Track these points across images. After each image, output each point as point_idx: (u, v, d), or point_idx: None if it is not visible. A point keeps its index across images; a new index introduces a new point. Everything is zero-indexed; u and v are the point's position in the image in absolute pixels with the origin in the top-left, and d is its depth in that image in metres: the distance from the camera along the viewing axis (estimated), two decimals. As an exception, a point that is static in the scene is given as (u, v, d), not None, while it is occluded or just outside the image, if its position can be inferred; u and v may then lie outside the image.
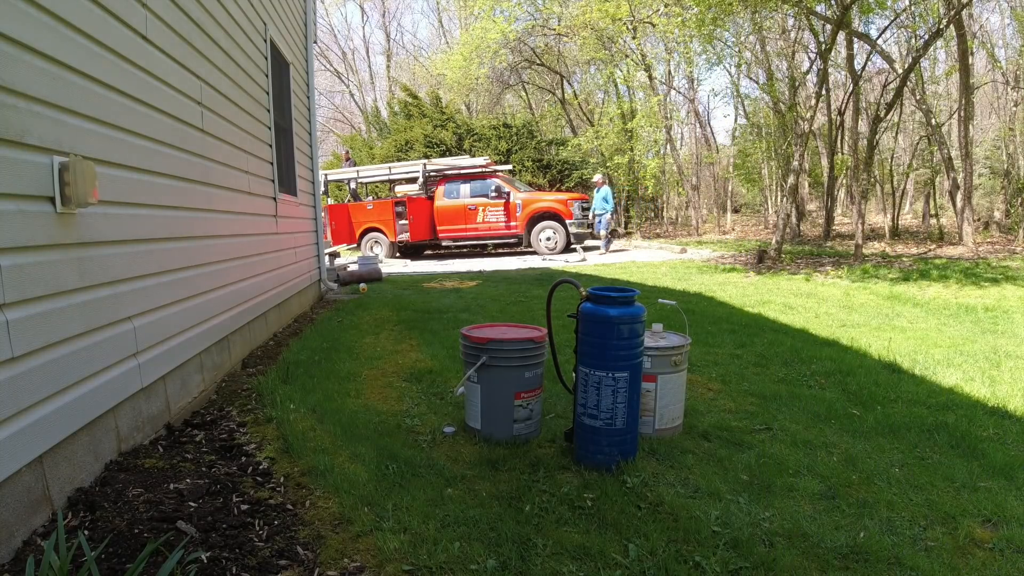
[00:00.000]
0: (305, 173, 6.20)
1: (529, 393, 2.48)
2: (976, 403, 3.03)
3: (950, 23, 10.84)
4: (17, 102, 1.68)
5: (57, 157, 1.85)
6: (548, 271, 9.75)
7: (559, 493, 2.04)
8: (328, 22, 31.97)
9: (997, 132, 17.94)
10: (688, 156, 21.69)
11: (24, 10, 1.73)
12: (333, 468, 2.20)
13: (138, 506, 1.80)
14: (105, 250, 2.15)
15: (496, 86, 21.56)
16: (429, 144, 19.11)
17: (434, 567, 1.62)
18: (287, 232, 5.11)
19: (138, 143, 2.43)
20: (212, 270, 3.23)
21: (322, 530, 1.81)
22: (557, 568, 1.63)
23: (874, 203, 20.72)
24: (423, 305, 6.06)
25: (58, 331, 1.84)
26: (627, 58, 18.53)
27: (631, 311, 2.17)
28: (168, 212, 2.71)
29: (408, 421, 2.74)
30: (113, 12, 2.23)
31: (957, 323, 5.61)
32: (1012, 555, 1.71)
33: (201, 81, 3.16)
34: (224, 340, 3.40)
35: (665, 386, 2.53)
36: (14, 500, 1.61)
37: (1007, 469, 2.25)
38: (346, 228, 14.49)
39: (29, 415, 1.68)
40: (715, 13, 10.67)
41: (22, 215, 1.70)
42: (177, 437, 2.50)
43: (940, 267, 9.45)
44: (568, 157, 18.96)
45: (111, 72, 2.22)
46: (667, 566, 1.63)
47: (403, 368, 3.64)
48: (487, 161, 14.68)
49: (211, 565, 1.55)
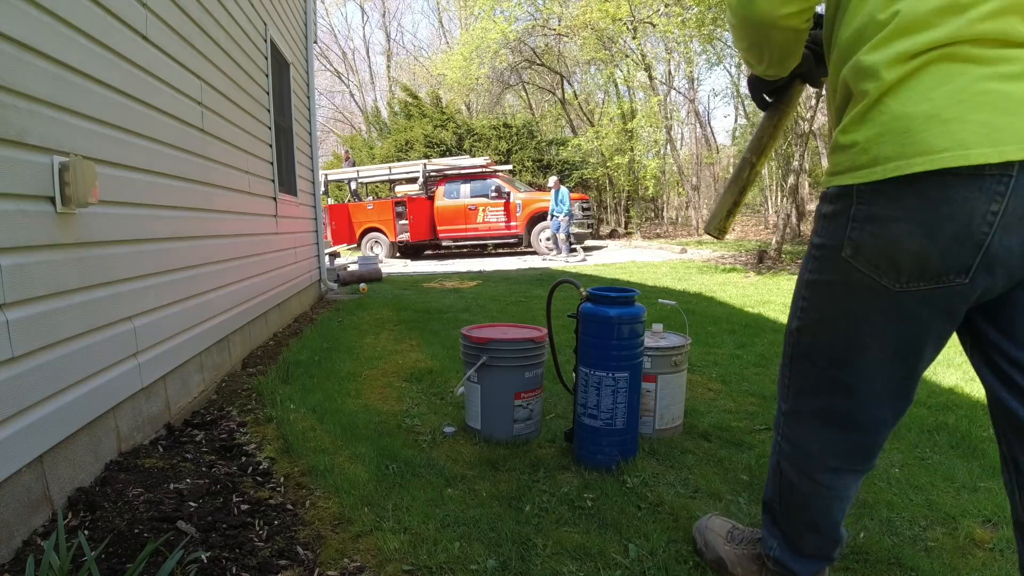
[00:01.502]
0: (305, 173, 6.20)
1: (529, 393, 2.48)
2: (976, 403, 3.03)
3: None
4: (17, 102, 1.68)
5: (57, 157, 1.85)
6: (548, 271, 9.76)
7: (559, 493, 2.04)
8: (328, 22, 32.02)
9: (997, 132, 17.88)
10: (688, 156, 21.69)
11: (25, 10, 1.73)
12: (333, 468, 2.20)
13: (138, 506, 1.80)
14: (105, 250, 2.15)
15: (496, 86, 21.56)
16: (429, 144, 19.12)
17: (434, 567, 1.62)
18: (287, 232, 5.11)
19: (138, 143, 2.43)
20: (212, 270, 3.23)
21: (322, 530, 1.81)
22: (557, 568, 1.63)
23: (874, 203, 20.67)
24: (423, 305, 6.06)
25: (58, 331, 1.84)
26: (627, 58, 18.52)
27: (631, 311, 2.17)
28: (168, 212, 2.71)
29: (408, 421, 2.74)
30: (113, 12, 2.23)
31: (957, 323, 5.60)
32: (1012, 555, 1.71)
33: (201, 81, 3.16)
34: (224, 340, 3.40)
35: (665, 386, 2.53)
36: (14, 500, 1.61)
37: (1007, 469, 2.25)
38: (346, 228, 14.49)
39: (29, 415, 1.68)
40: (715, 13, 10.67)
41: (22, 215, 1.70)
42: (177, 437, 2.50)
43: (940, 267, 9.44)
44: (568, 157, 18.97)
45: (111, 72, 2.22)
46: (667, 566, 1.63)
47: (403, 368, 3.64)
48: (487, 161, 14.68)
49: (211, 565, 1.55)
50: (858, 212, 1.02)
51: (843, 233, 1.05)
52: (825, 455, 1.27)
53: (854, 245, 1.04)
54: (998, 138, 0.88)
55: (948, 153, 0.89)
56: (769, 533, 1.45)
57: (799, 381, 1.28)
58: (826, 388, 1.22)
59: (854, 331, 1.12)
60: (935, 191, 0.92)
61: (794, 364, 1.28)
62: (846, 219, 1.04)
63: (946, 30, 0.89)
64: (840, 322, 1.14)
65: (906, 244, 0.97)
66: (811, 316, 1.20)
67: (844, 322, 1.13)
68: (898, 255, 0.99)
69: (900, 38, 0.93)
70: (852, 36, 1.00)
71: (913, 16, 0.91)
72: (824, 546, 1.40)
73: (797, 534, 1.38)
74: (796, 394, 1.30)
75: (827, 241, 1.10)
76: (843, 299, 1.12)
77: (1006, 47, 0.89)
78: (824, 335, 1.19)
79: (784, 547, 1.41)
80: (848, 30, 1.00)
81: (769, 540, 1.45)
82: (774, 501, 1.42)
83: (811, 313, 1.20)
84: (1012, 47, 0.89)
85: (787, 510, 1.38)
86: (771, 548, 1.44)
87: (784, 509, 1.39)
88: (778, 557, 1.42)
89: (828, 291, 1.14)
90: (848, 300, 1.11)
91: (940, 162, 0.90)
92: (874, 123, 0.96)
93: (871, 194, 0.99)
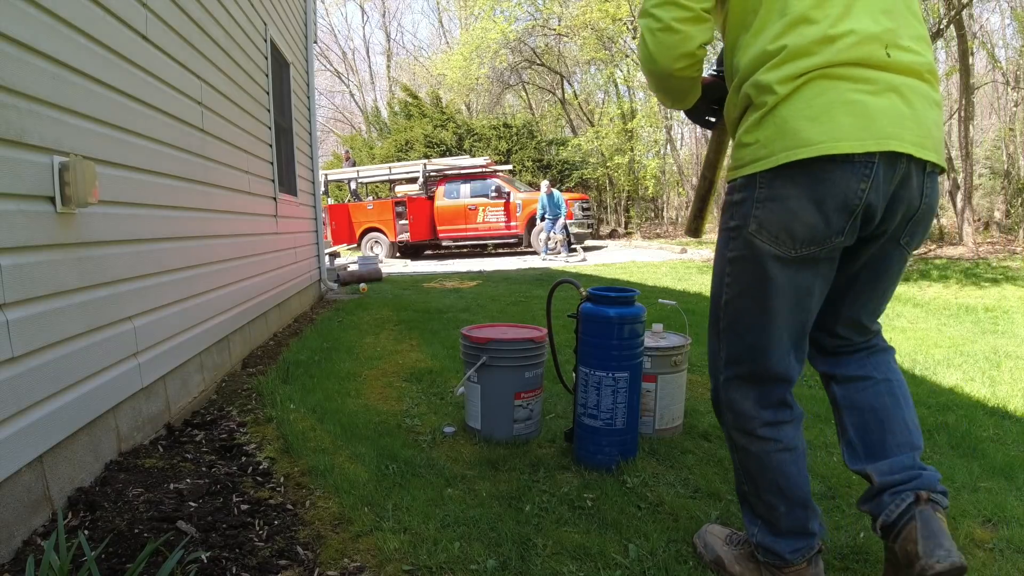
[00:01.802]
0: (305, 173, 6.20)
1: (529, 393, 2.48)
2: (976, 403, 3.03)
3: (950, 23, 10.85)
4: (17, 102, 1.69)
5: (57, 157, 1.85)
6: (548, 271, 9.76)
7: (559, 493, 2.04)
8: (328, 22, 32.02)
9: (997, 132, 17.96)
10: (688, 156, 21.68)
11: (25, 10, 1.73)
12: (333, 468, 2.20)
13: (138, 506, 1.80)
14: (105, 250, 2.15)
15: (496, 86, 21.55)
16: (429, 144, 19.11)
17: (434, 567, 1.62)
18: (287, 232, 5.11)
19: (138, 143, 2.43)
20: (212, 270, 3.23)
21: (322, 530, 1.81)
22: (557, 568, 1.63)
23: (874, 203, 20.65)
24: (423, 305, 6.06)
25: (58, 331, 1.84)
26: (627, 58, 18.52)
27: (631, 311, 2.17)
28: (168, 212, 2.71)
29: (408, 421, 2.74)
30: (113, 12, 2.23)
31: (957, 323, 5.61)
32: (1012, 555, 1.71)
33: (201, 81, 3.16)
34: (224, 340, 3.40)
35: (665, 386, 2.53)
36: (14, 500, 1.61)
37: (1007, 469, 2.25)
38: (346, 228, 14.48)
39: (29, 415, 1.68)
40: (715, 13, 10.65)
41: (22, 215, 1.70)
42: (177, 437, 2.50)
43: (940, 267, 9.45)
44: (568, 157, 18.95)
45: (111, 72, 2.22)
46: (667, 566, 1.63)
47: (403, 368, 3.64)
48: (487, 161, 14.67)
49: (211, 565, 1.55)
50: (760, 194, 1.29)
51: (749, 212, 1.31)
52: (759, 411, 1.46)
53: (758, 221, 1.30)
54: (860, 135, 1.18)
55: (823, 144, 1.19)
56: (750, 522, 1.54)
57: (728, 351, 1.47)
58: (748, 355, 1.43)
59: (765, 295, 1.35)
60: (820, 173, 1.22)
61: (723, 336, 1.48)
62: (751, 201, 1.30)
63: (822, 57, 1.20)
64: (755, 289, 1.37)
65: (801, 215, 1.25)
66: (734, 289, 1.41)
67: (758, 288, 1.36)
68: (794, 225, 1.27)
69: (788, 63, 1.22)
70: (749, 63, 1.28)
71: (797, 47, 1.21)
72: (798, 516, 1.46)
73: (769, 508, 1.48)
74: (727, 363, 1.48)
75: (738, 222, 1.35)
76: (754, 270, 1.35)
77: (868, 69, 1.19)
78: (744, 304, 1.40)
79: (764, 530, 1.51)
80: (746, 58, 1.29)
81: (750, 528, 1.54)
82: (742, 483, 1.54)
83: (734, 287, 1.41)
84: (873, 69, 1.19)
85: (753, 483, 1.50)
86: (753, 535, 1.53)
87: (751, 486, 1.51)
88: (760, 542, 1.51)
89: (743, 265, 1.37)
90: (759, 270, 1.34)
91: (817, 151, 1.19)
92: (770, 125, 1.25)
93: (770, 179, 1.27)
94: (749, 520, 1.55)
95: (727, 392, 1.49)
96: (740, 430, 1.49)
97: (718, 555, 1.62)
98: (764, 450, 1.46)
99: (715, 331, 1.49)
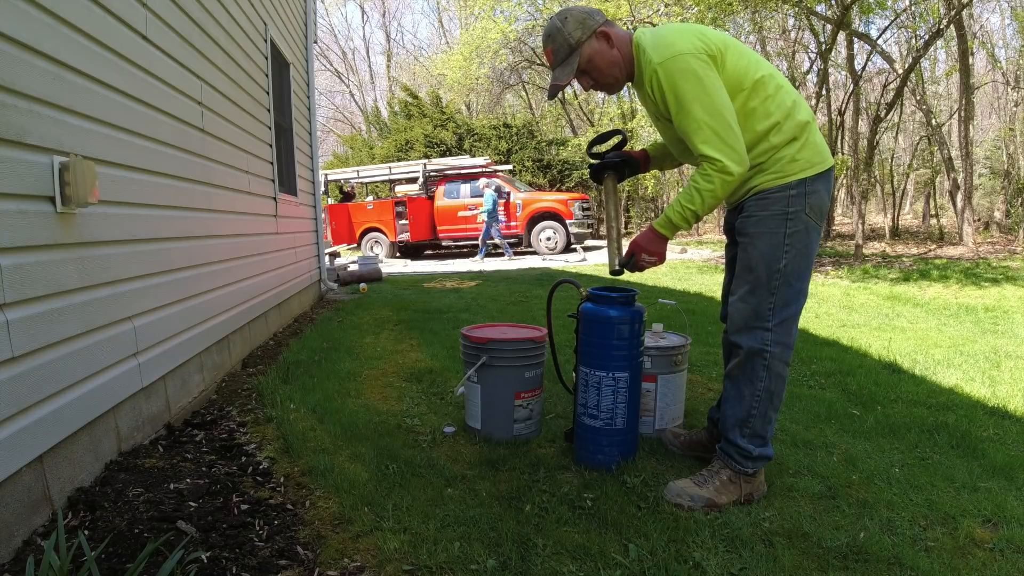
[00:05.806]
0: (305, 173, 6.20)
1: (529, 393, 2.48)
2: (976, 403, 3.03)
3: (950, 23, 10.85)
4: (17, 102, 1.68)
5: (57, 157, 1.85)
6: (548, 271, 9.75)
7: (559, 493, 2.04)
8: (328, 22, 32.02)
9: (997, 132, 17.95)
10: (688, 156, 21.63)
11: (25, 10, 1.73)
12: (333, 468, 2.20)
13: (138, 506, 1.80)
14: (105, 250, 2.15)
15: (496, 86, 21.53)
16: (429, 144, 19.10)
17: (434, 567, 1.62)
18: (287, 232, 5.11)
19: (138, 143, 2.43)
20: (212, 270, 3.23)
21: (322, 530, 1.81)
22: (557, 568, 1.63)
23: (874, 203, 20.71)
24: (423, 305, 6.06)
25: (58, 331, 1.84)
26: (627, 58, 18.46)
27: (631, 311, 2.16)
28: (168, 212, 2.71)
29: (408, 421, 2.74)
30: (113, 12, 2.23)
31: (957, 323, 5.61)
32: (1012, 555, 1.71)
33: (201, 81, 3.16)
34: (224, 340, 3.40)
35: (665, 386, 2.53)
36: (14, 500, 1.61)
37: (1007, 469, 2.25)
38: (346, 228, 14.48)
39: (29, 415, 1.68)
40: (715, 13, 10.67)
41: (22, 215, 1.70)
42: (177, 437, 2.50)
43: (940, 267, 9.45)
44: (568, 157, 18.94)
45: (111, 72, 2.22)
46: (667, 566, 1.63)
47: (403, 368, 3.64)
48: (487, 161, 14.67)
49: (211, 565, 1.55)
50: (809, 189, 1.92)
51: (804, 202, 1.91)
52: (793, 341, 2.00)
53: (810, 206, 1.92)
54: (829, 156, 1.97)
55: (829, 160, 1.96)
56: (746, 446, 1.98)
57: (782, 299, 1.94)
58: (794, 297, 1.96)
59: (807, 252, 1.95)
60: (828, 176, 1.96)
61: (777, 291, 1.94)
62: (803, 195, 1.91)
63: (806, 111, 1.95)
64: (805, 250, 1.94)
65: (825, 201, 1.96)
66: (791, 253, 1.92)
67: (807, 249, 1.95)
68: (823, 207, 1.96)
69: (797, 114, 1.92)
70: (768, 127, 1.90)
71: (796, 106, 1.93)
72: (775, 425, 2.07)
73: (768, 421, 2.00)
74: (781, 307, 1.95)
75: (796, 208, 1.91)
76: (805, 236, 1.93)
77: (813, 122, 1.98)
78: (799, 261, 1.94)
79: (758, 444, 1.99)
80: (764, 124, 1.90)
81: (746, 449, 1.98)
82: (754, 410, 1.98)
83: (791, 252, 1.92)
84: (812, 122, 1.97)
85: (770, 405, 1.98)
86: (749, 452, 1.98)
87: (766, 407, 1.98)
88: (760, 453, 1.99)
89: (800, 236, 1.93)
90: (807, 237, 1.94)
91: (829, 163, 1.95)
92: (809, 146, 1.92)
93: (813, 180, 1.92)
94: (744, 445, 1.98)
95: (778, 334, 1.95)
96: (784, 361, 1.98)
97: (704, 496, 1.96)
98: (787, 372, 2.01)
99: (766, 290, 1.93)
